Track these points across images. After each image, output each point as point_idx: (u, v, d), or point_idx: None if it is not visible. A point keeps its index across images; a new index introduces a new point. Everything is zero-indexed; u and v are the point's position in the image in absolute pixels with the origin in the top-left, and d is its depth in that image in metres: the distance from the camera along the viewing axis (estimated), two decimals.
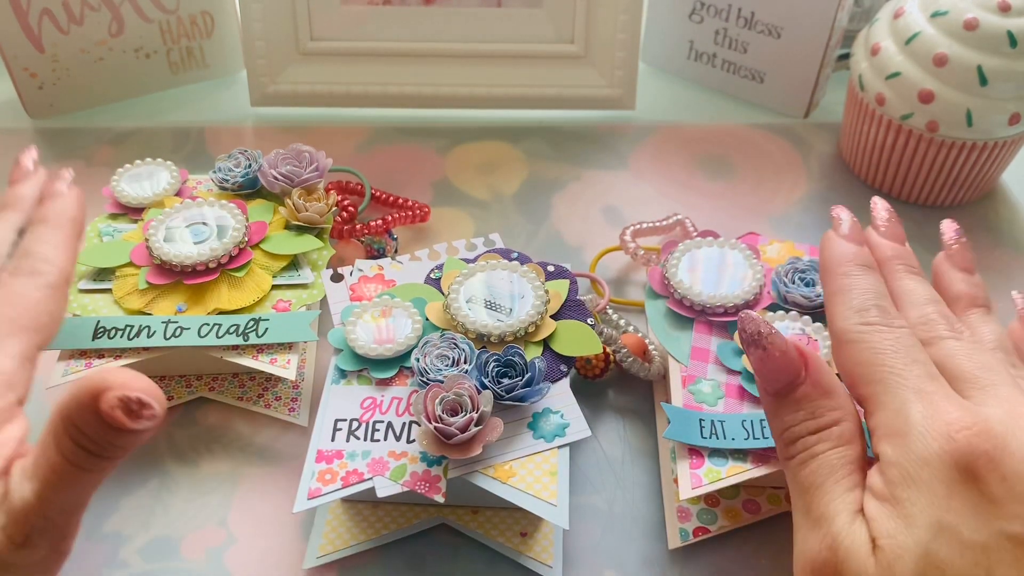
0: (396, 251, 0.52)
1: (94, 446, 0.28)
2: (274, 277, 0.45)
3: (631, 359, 0.44)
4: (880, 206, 0.38)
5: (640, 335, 0.46)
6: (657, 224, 0.52)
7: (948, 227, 0.38)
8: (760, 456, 0.37)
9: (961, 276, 0.37)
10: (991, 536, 0.26)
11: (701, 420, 0.38)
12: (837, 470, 0.29)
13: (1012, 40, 0.49)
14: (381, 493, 0.36)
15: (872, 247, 0.37)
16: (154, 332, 0.41)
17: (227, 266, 0.44)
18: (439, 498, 0.35)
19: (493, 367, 0.38)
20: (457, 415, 0.36)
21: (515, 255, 0.45)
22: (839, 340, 0.32)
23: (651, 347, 0.45)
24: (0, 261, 0.35)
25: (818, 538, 0.29)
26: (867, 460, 0.31)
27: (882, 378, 0.30)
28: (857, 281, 0.34)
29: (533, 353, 0.41)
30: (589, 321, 0.42)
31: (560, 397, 0.39)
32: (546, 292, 0.42)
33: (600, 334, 0.43)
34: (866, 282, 0.33)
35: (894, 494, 0.28)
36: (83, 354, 0.41)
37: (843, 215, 0.37)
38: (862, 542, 0.28)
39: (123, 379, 0.27)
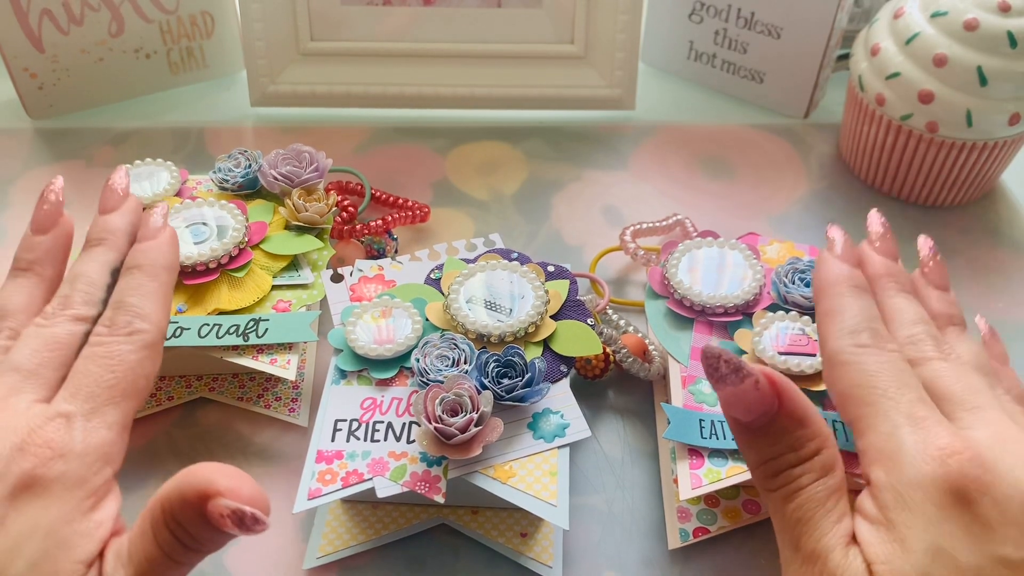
0: (396, 251, 0.52)
1: (192, 542, 0.28)
2: (274, 277, 0.45)
3: (631, 359, 0.44)
4: (875, 220, 0.38)
5: (640, 335, 0.46)
6: (657, 224, 0.52)
7: (924, 244, 0.39)
8: None
9: (937, 295, 0.37)
10: (985, 560, 0.27)
11: (701, 420, 0.38)
12: (824, 502, 0.29)
13: (1012, 40, 0.49)
14: (381, 493, 0.36)
15: (865, 262, 0.37)
16: None
17: (227, 266, 0.44)
18: (439, 498, 0.35)
19: (493, 367, 0.38)
20: (457, 415, 0.36)
21: (515, 255, 0.45)
22: (831, 361, 0.33)
23: (651, 347, 0.45)
24: (96, 309, 0.33)
25: (813, 574, 0.29)
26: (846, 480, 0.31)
27: (874, 401, 0.30)
28: (850, 302, 0.34)
29: (533, 353, 0.41)
30: (589, 321, 0.42)
31: (560, 397, 0.39)
32: (546, 292, 0.42)
33: (600, 334, 0.43)
34: (859, 304, 0.34)
35: (888, 518, 0.28)
36: None
37: (837, 235, 0.37)
38: (858, 572, 0.28)
39: (231, 484, 0.27)
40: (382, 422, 0.38)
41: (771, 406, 0.30)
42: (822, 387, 0.39)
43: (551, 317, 0.42)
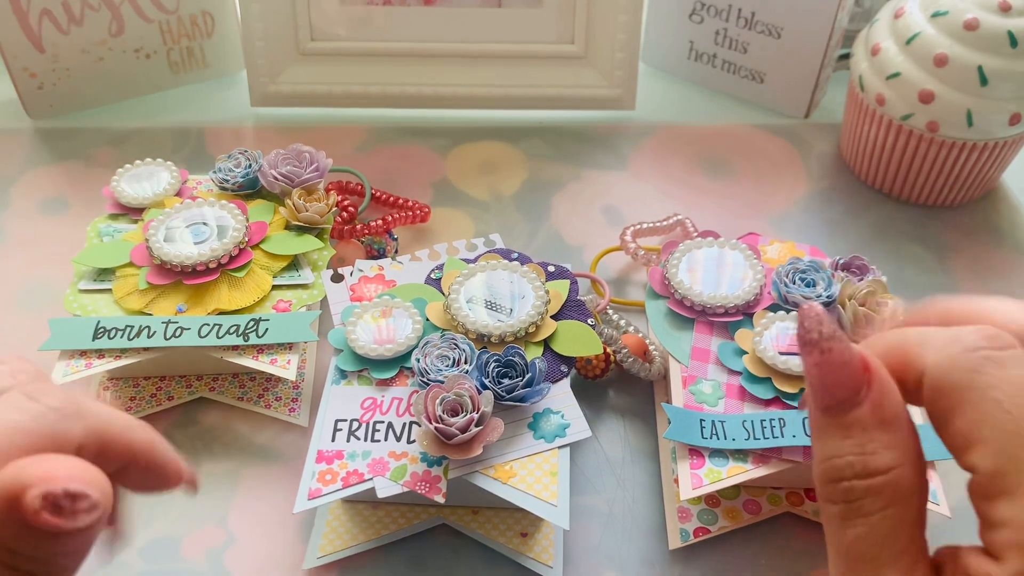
0: (396, 251, 0.52)
1: (36, 564, 0.22)
2: (274, 277, 0.45)
3: (631, 359, 0.44)
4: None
5: (640, 335, 0.46)
6: (657, 224, 0.52)
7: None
8: (761, 457, 0.37)
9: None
10: None
11: (702, 420, 0.38)
12: (892, 540, 0.24)
13: (1012, 40, 0.49)
14: (381, 494, 0.36)
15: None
16: (154, 332, 0.41)
17: (227, 266, 0.44)
18: (439, 498, 0.35)
19: (493, 367, 0.38)
20: (457, 415, 0.36)
21: (515, 255, 0.45)
22: (936, 384, 0.24)
23: (651, 347, 0.45)
24: None
25: None
26: (925, 513, 0.24)
27: (1018, 453, 0.22)
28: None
29: (533, 353, 0.41)
30: (589, 321, 0.42)
31: (560, 397, 0.39)
32: (546, 292, 0.42)
33: (600, 334, 0.43)
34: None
35: None
36: (83, 354, 0.41)
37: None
38: None
39: (40, 469, 0.21)
40: (382, 422, 0.38)
41: (856, 389, 0.24)
42: None
43: (551, 317, 0.42)
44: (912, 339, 0.26)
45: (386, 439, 0.37)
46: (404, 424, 0.38)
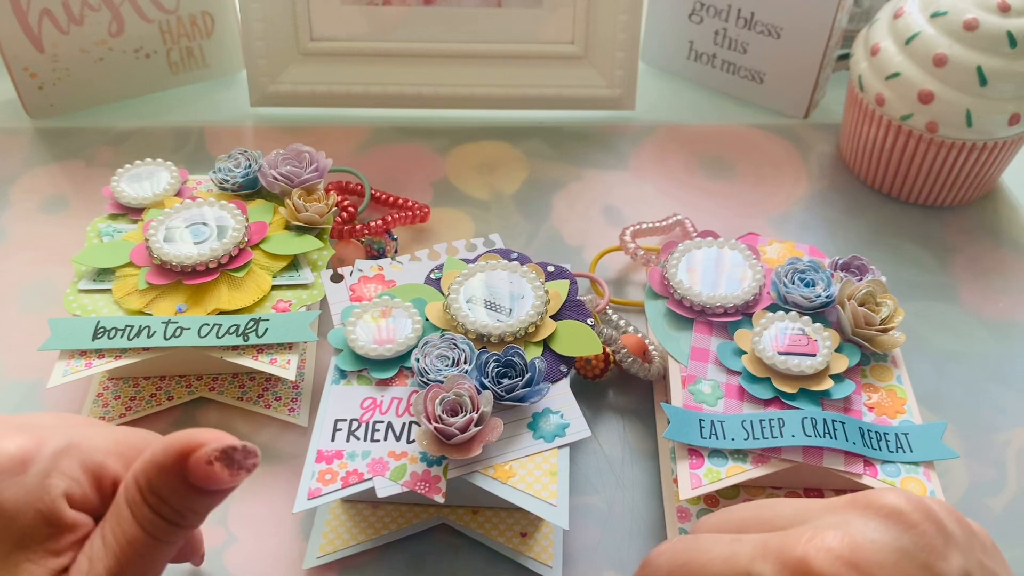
0: (396, 251, 0.52)
1: (175, 515, 0.27)
2: (274, 277, 0.45)
3: (631, 359, 0.44)
4: None
5: (640, 335, 0.46)
6: (657, 224, 0.52)
7: None
8: (760, 457, 0.37)
9: None
10: None
11: (701, 420, 0.38)
12: None
13: (1012, 40, 0.49)
14: (381, 493, 0.36)
15: None
16: (154, 332, 0.41)
17: (227, 266, 0.44)
18: (439, 498, 0.35)
19: (493, 367, 0.38)
20: (457, 415, 0.36)
21: (515, 255, 0.45)
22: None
23: (651, 347, 0.45)
24: None
25: None
26: None
27: None
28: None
29: (533, 353, 0.41)
30: (589, 321, 0.42)
31: (560, 397, 0.39)
32: (546, 292, 0.42)
33: (600, 334, 0.43)
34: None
35: None
36: (83, 354, 0.41)
37: None
38: None
39: (210, 435, 0.26)
40: (382, 422, 0.38)
41: None
42: (823, 387, 0.39)
43: (551, 317, 0.42)
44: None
45: (386, 439, 0.37)
46: (404, 424, 0.38)
